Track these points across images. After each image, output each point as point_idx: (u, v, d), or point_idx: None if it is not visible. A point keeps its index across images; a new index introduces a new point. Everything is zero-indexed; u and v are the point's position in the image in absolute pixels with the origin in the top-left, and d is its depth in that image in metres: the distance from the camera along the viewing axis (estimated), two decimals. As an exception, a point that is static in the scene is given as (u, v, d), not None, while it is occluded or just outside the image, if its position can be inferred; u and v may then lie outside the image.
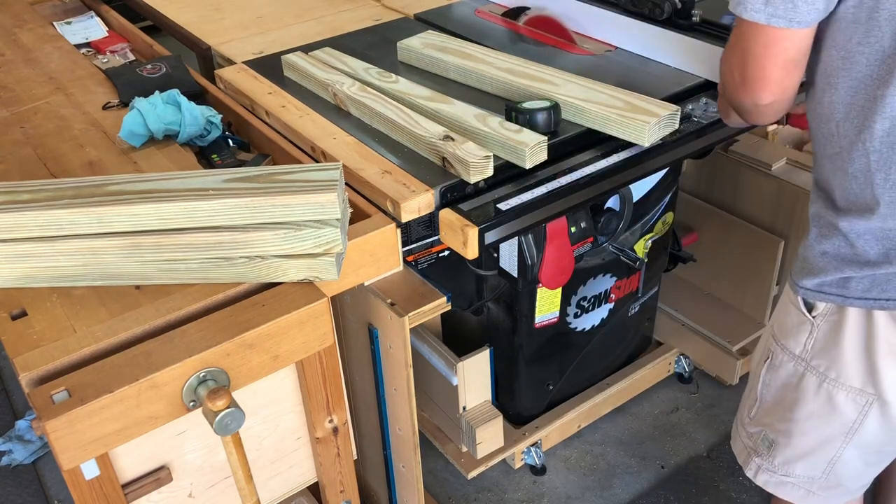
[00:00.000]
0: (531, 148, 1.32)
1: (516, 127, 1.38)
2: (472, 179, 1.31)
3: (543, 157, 1.35)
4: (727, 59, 1.18)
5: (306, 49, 1.76)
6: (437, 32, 1.78)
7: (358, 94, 1.52)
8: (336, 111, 1.56)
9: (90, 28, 2.08)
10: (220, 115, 1.54)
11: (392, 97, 1.51)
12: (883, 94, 1.03)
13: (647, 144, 1.38)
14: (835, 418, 1.22)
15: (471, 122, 1.39)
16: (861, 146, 1.07)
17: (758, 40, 1.09)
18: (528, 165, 1.33)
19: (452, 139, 1.34)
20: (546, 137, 1.35)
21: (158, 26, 2.15)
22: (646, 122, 1.35)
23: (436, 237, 1.36)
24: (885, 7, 1.00)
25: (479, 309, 1.86)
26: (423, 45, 1.70)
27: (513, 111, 1.42)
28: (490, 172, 1.32)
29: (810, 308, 1.20)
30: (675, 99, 1.54)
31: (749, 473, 1.38)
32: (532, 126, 1.39)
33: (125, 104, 1.62)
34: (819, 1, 1.03)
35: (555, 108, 1.41)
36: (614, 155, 1.43)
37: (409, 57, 1.72)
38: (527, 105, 1.42)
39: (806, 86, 1.16)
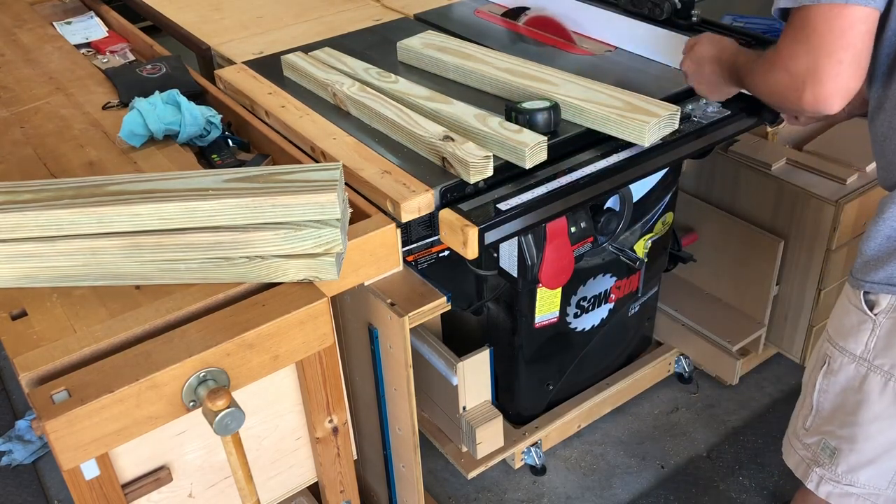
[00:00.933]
0: (531, 148, 1.32)
1: (516, 127, 1.38)
2: (472, 180, 1.31)
3: (543, 157, 1.35)
4: (784, 57, 1.05)
5: (306, 49, 1.76)
6: (436, 32, 1.78)
7: (358, 95, 1.52)
8: (336, 111, 1.56)
9: (90, 28, 2.08)
10: (220, 115, 1.54)
11: (392, 97, 1.51)
12: None
13: (647, 144, 1.38)
14: None
15: (471, 122, 1.39)
16: None
17: (833, 26, 0.99)
18: (528, 165, 1.33)
19: (452, 139, 1.34)
20: (546, 137, 1.35)
21: (158, 26, 2.15)
22: (645, 122, 1.35)
23: (436, 237, 1.36)
24: None
25: (479, 309, 1.86)
26: (423, 45, 1.70)
27: (513, 111, 1.42)
28: (490, 173, 1.32)
29: (871, 305, 1.17)
30: (675, 99, 1.54)
31: (811, 486, 1.33)
32: (532, 126, 1.39)
33: (125, 104, 1.62)
34: None
35: (554, 108, 1.41)
36: (614, 155, 1.43)
37: (409, 57, 1.72)
38: (527, 105, 1.42)
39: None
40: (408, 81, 1.56)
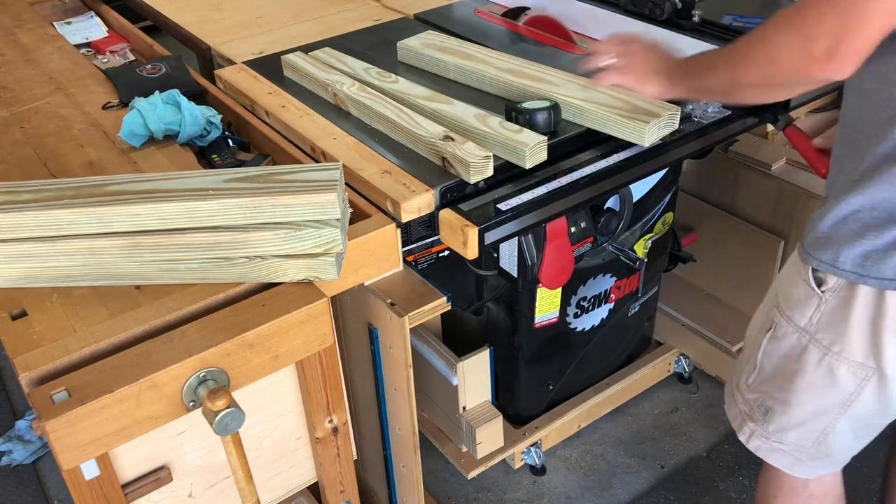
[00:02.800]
0: (531, 148, 1.32)
1: (516, 127, 1.38)
2: (473, 179, 1.32)
3: (543, 156, 1.35)
4: (813, 23, 1.01)
5: (306, 49, 1.76)
6: (437, 32, 1.78)
7: (358, 95, 1.52)
8: (336, 111, 1.56)
9: (90, 28, 2.08)
10: (220, 115, 1.54)
11: (392, 97, 1.51)
12: None
13: (647, 144, 1.38)
14: (833, 390, 1.24)
15: (471, 122, 1.39)
16: None
17: None
18: (529, 165, 1.33)
19: (452, 139, 1.35)
20: (546, 137, 1.35)
21: (158, 26, 2.15)
22: (645, 123, 1.35)
23: (436, 237, 1.36)
24: None
25: (479, 309, 1.86)
26: (423, 45, 1.70)
27: (513, 111, 1.42)
28: (490, 172, 1.32)
29: (819, 282, 1.20)
30: (675, 99, 1.54)
31: (742, 438, 1.40)
32: (532, 126, 1.39)
33: (125, 104, 1.62)
34: None
35: (555, 107, 1.41)
36: (614, 155, 1.43)
37: (409, 57, 1.72)
38: (527, 105, 1.42)
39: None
40: (408, 81, 1.56)
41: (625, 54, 1.43)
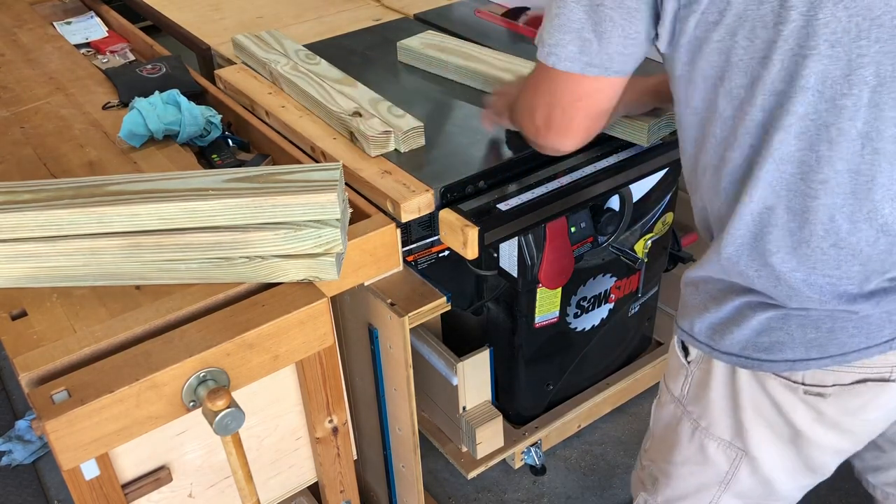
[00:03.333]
0: (405, 132, 1.40)
1: (401, 112, 1.45)
2: (373, 153, 1.40)
3: (421, 142, 1.42)
4: (527, 101, 1.09)
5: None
6: (437, 32, 1.79)
7: (289, 73, 1.62)
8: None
9: (90, 28, 2.08)
10: (220, 115, 1.54)
11: (314, 77, 1.61)
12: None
13: (647, 144, 1.38)
14: (708, 467, 1.18)
15: (364, 105, 1.48)
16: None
17: (568, 90, 1.03)
18: (404, 149, 1.41)
19: (360, 115, 1.43)
20: (422, 124, 1.41)
21: (158, 26, 2.15)
22: (646, 123, 1.35)
23: (436, 237, 1.36)
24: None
25: (479, 309, 1.86)
26: (422, 46, 1.70)
27: None
28: (391, 148, 1.40)
29: (686, 352, 1.15)
30: (675, 99, 1.54)
31: None
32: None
33: (125, 104, 1.62)
34: (635, 51, 0.98)
35: None
36: (614, 155, 1.43)
37: (409, 57, 1.72)
38: None
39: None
40: (328, 64, 1.66)
41: (497, 95, 1.41)
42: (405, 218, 1.29)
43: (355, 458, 1.37)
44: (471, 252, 1.29)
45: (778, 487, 1.17)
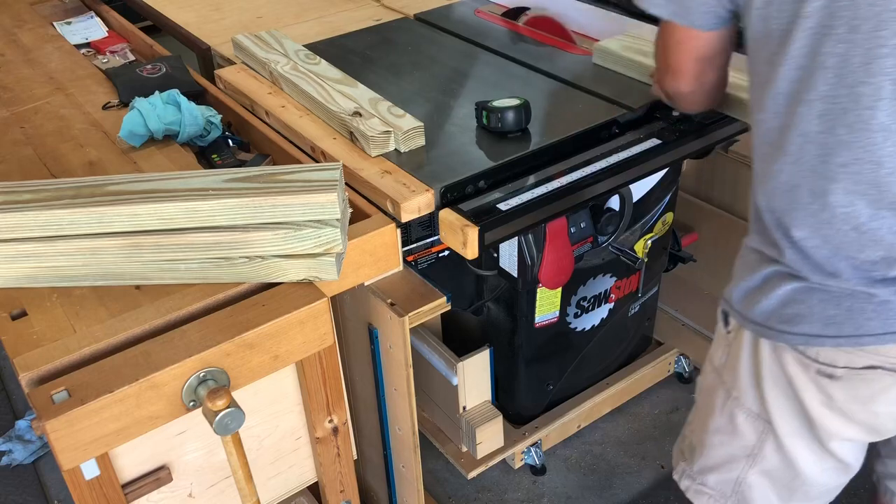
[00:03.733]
0: (405, 132, 1.40)
1: (401, 112, 1.45)
2: (373, 153, 1.39)
3: (421, 142, 1.42)
4: (656, 43, 1.23)
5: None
6: (635, 36, 1.74)
7: (289, 73, 1.62)
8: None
9: (90, 28, 2.08)
10: (220, 115, 1.54)
11: (314, 77, 1.61)
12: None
13: None
14: (736, 438, 1.20)
15: (364, 104, 1.48)
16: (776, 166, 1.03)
17: (669, 34, 1.14)
18: (404, 149, 1.40)
19: (360, 115, 1.44)
20: (422, 124, 1.42)
21: (158, 26, 2.15)
22: None
23: (436, 237, 1.36)
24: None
25: (479, 309, 1.86)
26: (622, 48, 1.68)
27: (483, 109, 1.44)
28: (391, 148, 1.40)
29: (727, 321, 1.17)
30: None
31: (675, 476, 1.36)
32: (503, 124, 1.41)
33: (125, 104, 1.62)
34: (713, 8, 1.05)
35: (525, 106, 1.42)
36: (614, 155, 1.43)
37: (607, 60, 1.69)
38: (497, 103, 1.43)
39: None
40: (327, 64, 1.66)
41: None
42: (405, 218, 1.29)
43: (355, 458, 1.37)
44: (471, 252, 1.29)
45: (803, 469, 1.16)
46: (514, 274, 1.63)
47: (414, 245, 1.42)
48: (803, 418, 1.11)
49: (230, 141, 1.53)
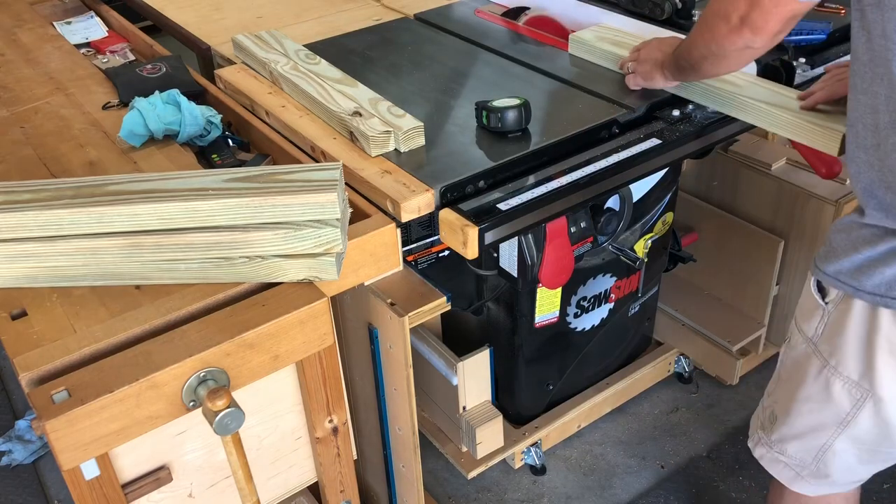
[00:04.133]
0: (405, 132, 1.40)
1: (401, 112, 1.45)
2: (373, 153, 1.39)
3: (421, 142, 1.42)
4: (722, 7, 1.23)
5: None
6: (609, 27, 1.78)
7: (289, 73, 1.62)
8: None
9: (90, 28, 2.08)
10: (220, 115, 1.54)
11: (314, 77, 1.61)
12: None
13: (837, 154, 1.36)
14: (829, 406, 1.24)
15: (364, 104, 1.48)
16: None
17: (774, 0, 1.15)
18: (404, 149, 1.41)
19: (360, 115, 1.43)
20: (422, 124, 1.42)
21: (158, 26, 2.15)
22: (839, 133, 1.32)
23: (436, 237, 1.36)
24: None
25: (479, 309, 1.86)
26: (596, 38, 1.71)
27: (483, 109, 1.44)
28: (391, 148, 1.40)
29: (824, 294, 1.21)
30: (676, 99, 1.54)
31: (750, 444, 1.42)
32: (503, 123, 1.40)
33: (125, 104, 1.62)
34: None
35: (525, 105, 1.42)
36: (614, 155, 1.43)
37: (582, 50, 1.73)
38: (497, 103, 1.43)
39: (852, 71, 1.13)
40: (327, 64, 1.66)
41: (637, 58, 1.56)
42: (405, 218, 1.29)
43: (355, 458, 1.37)
44: (471, 252, 1.28)
45: (894, 432, 1.21)
46: (514, 274, 1.63)
47: (414, 245, 1.42)
48: None
49: (230, 141, 1.53)
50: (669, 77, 1.49)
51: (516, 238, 1.52)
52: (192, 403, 1.05)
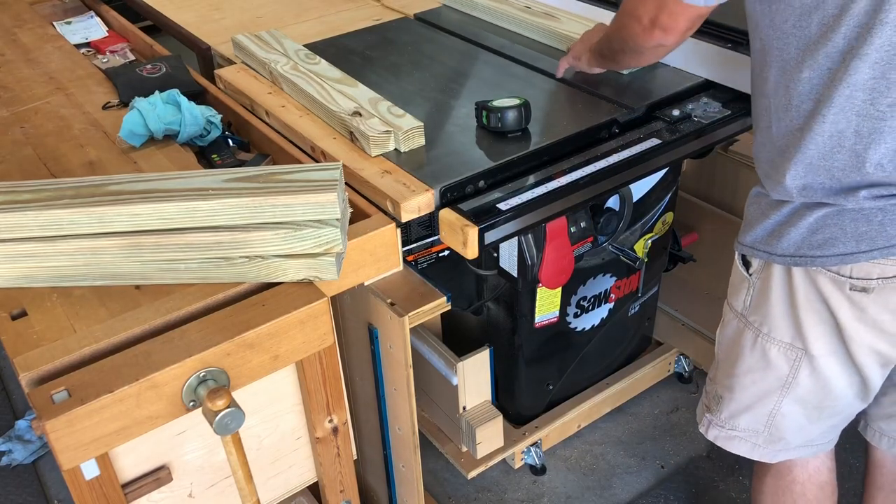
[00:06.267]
0: (405, 132, 1.40)
1: (401, 112, 1.45)
2: (373, 153, 1.39)
3: (421, 141, 1.43)
4: (636, 3, 1.29)
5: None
6: None
7: (289, 73, 1.63)
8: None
9: (90, 28, 2.08)
10: (220, 115, 1.54)
11: (314, 77, 1.62)
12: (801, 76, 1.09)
13: None
14: (770, 372, 1.28)
15: (364, 104, 1.49)
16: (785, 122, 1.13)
17: (682, 7, 1.23)
18: (404, 148, 1.41)
19: (360, 115, 1.44)
20: (422, 124, 1.42)
21: (158, 26, 2.15)
22: None
23: (436, 237, 1.36)
24: None
25: (479, 309, 1.86)
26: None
27: (483, 109, 1.44)
28: (391, 148, 1.40)
29: (748, 266, 1.26)
30: (675, 99, 1.54)
31: (702, 430, 1.45)
32: (503, 123, 1.40)
33: (125, 104, 1.62)
34: None
35: (525, 105, 1.42)
36: (614, 155, 1.43)
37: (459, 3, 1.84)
38: (497, 103, 1.43)
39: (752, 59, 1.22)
40: (328, 64, 1.67)
41: (575, 42, 1.65)
42: (405, 218, 1.29)
43: (355, 458, 1.37)
44: (471, 252, 1.29)
45: (835, 386, 1.26)
46: (514, 274, 1.63)
47: (414, 245, 1.42)
48: (837, 335, 1.20)
49: (230, 141, 1.53)
50: (594, 63, 1.57)
51: (516, 238, 1.52)
52: (192, 403, 1.05)
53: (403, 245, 1.32)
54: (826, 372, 1.24)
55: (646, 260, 1.85)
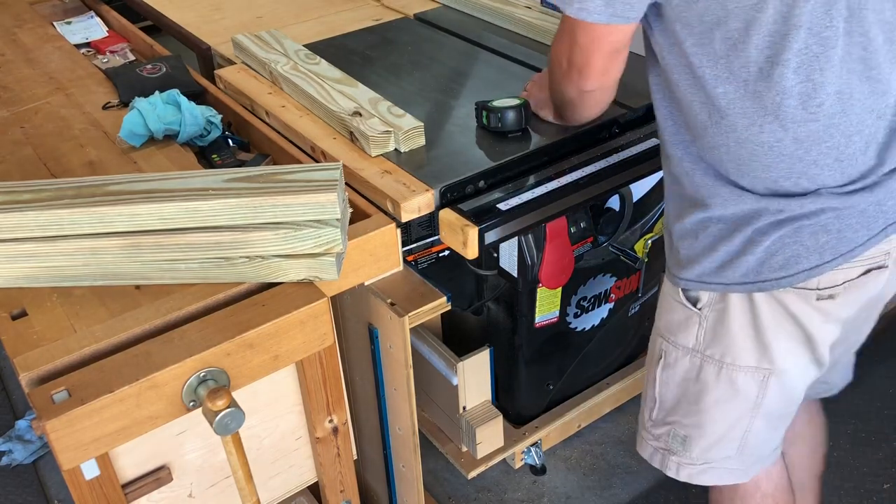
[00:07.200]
0: (405, 132, 1.40)
1: (401, 112, 1.45)
2: (373, 153, 1.39)
3: (421, 142, 1.42)
4: (555, 48, 1.22)
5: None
6: None
7: (289, 73, 1.63)
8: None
9: (90, 28, 2.08)
10: (220, 115, 1.54)
11: (313, 77, 1.62)
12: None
13: None
14: (739, 399, 1.26)
15: (364, 104, 1.49)
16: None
17: (582, 33, 1.13)
18: (404, 149, 1.41)
19: (360, 115, 1.44)
20: (422, 124, 1.42)
21: (158, 26, 2.15)
22: None
23: (436, 237, 1.36)
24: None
25: (479, 309, 1.86)
26: None
27: (483, 109, 1.44)
28: (391, 148, 1.40)
29: (694, 301, 1.23)
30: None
31: (671, 473, 1.40)
32: (503, 123, 1.40)
33: (125, 104, 1.62)
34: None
35: (525, 105, 1.42)
36: (614, 155, 1.43)
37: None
38: (497, 103, 1.43)
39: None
40: (327, 64, 1.66)
41: (530, 90, 1.52)
42: (405, 218, 1.29)
43: (355, 458, 1.37)
44: (471, 252, 1.29)
45: (799, 390, 1.27)
46: (514, 274, 1.63)
47: (414, 245, 1.42)
48: (806, 344, 1.20)
49: (230, 141, 1.53)
50: (557, 117, 1.45)
51: (516, 238, 1.52)
52: (192, 403, 1.05)
53: (403, 245, 1.32)
54: (794, 381, 1.24)
55: (646, 260, 1.85)
